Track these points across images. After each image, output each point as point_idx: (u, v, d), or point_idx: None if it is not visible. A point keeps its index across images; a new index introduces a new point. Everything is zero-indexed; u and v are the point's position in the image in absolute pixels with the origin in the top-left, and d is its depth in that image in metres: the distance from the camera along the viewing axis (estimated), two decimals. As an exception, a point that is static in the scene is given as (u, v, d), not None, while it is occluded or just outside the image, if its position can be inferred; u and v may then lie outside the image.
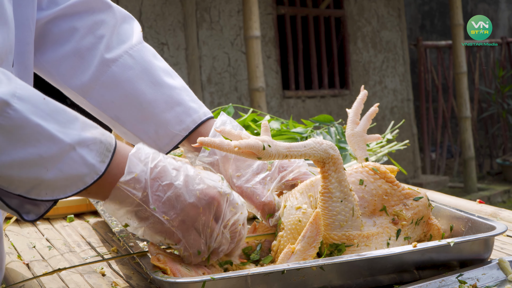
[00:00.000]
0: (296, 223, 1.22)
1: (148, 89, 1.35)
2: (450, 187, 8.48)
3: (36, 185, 0.98)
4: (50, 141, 0.96)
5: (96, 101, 1.36)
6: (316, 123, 2.37)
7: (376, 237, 1.23)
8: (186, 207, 1.08)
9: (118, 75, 1.35)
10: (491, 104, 9.54)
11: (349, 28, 8.15)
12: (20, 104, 0.94)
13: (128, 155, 1.07)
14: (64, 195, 1.00)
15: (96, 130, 1.04)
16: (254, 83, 5.60)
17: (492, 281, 1.18)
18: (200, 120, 1.35)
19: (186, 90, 1.38)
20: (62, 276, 1.32)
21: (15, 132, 0.93)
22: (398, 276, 1.18)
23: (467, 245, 1.21)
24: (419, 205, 1.28)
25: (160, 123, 1.34)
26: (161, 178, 1.08)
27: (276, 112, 7.48)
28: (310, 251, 1.16)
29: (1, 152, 0.93)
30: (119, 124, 1.36)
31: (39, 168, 0.96)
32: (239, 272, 1.09)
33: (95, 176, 1.01)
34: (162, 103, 1.34)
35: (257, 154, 1.15)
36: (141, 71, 1.35)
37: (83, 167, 1.00)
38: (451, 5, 7.51)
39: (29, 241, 1.59)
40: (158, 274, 1.09)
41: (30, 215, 1.02)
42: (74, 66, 1.36)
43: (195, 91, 6.98)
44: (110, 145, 1.04)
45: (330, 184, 1.20)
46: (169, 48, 6.77)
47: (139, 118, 1.35)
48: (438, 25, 11.32)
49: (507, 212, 1.63)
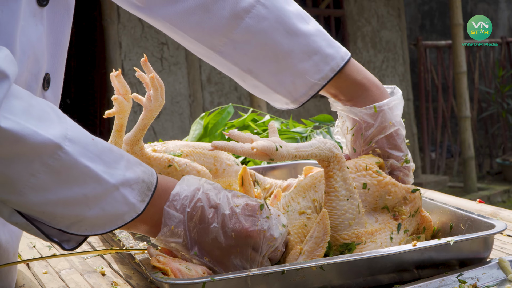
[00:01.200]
0: (302, 227, 1.22)
1: (284, 39, 1.30)
2: (450, 186, 8.48)
3: (77, 222, 1.00)
4: (96, 182, 0.99)
5: (227, 55, 1.33)
6: (316, 123, 2.37)
7: (380, 232, 1.24)
8: (223, 248, 1.11)
9: (252, 27, 1.30)
10: (491, 104, 9.54)
11: (349, 27, 8.15)
12: (71, 146, 0.96)
13: (164, 208, 1.10)
14: (103, 231, 1.04)
15: (139, 168, 1.06)
16: (254, 83, 5.59)
17: (492, 280, 1.18)
18: (338, 67, 1.32)
19: (321, 34, 1.34)
20: (62, 275, 1.32)
21: (64, 172, 0.96)
22: (398, 276, 1.18)
23: (467, 244, 1.21)
24: (415, 197, 1.30)
25: (297, 73, 1.31)
26: (199, 221, 1.11)
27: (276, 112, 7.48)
28: (318, 251, 1.16)
29: (48, 191, 0.95)
30: (251, 77, 1.33)
31: (83, 206, 0.99)
32: (239, 272, 1.09)
33: (134, 214, 1.04)
34: (299, 53, 1.30)
35: (270, 155, 1.15)
36: (275, 21, 1.30)
37: (124, 206, 1.03)
38: (451, 5, 7.50)
39: (29, 241, 1.59)
40: (158, 275, 1.09)
41: (71, 243, 1.05)
42: (201, 21, 1.31)
43: (195, 91, 6.98)
44: (151, 184, 1.07)
45: (336, 182, 1.21)
46: (169, 48, 6.77)
47: (274, 69, 1.31)
48: (438, 25, 11.32)
49: (507, 212, 1.63)
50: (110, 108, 1.59)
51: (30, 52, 1.05)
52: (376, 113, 1.33)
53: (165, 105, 6.78)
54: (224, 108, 2.39)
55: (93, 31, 7.14)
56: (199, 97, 7.03)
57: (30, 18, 1.05)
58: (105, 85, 6.94)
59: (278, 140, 1.18)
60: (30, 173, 0.93)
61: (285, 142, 1.19)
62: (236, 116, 2.74)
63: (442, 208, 1.38)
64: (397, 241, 1.25)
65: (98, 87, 7.19)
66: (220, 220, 1.11)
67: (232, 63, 1.34)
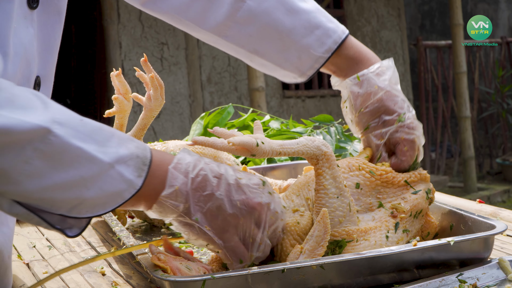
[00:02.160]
0: (295, 224, 1.22)
1: (286, 17, 1.35)
2: (450, 186, 8.48)
3: (77, 204, 1.00)
4: (91, 162, 0.98)
5: (232, 38, 1.38)
6: (316, 123, 2.37)
7: (375, 231, 1.23)
8: (227, 217, 1.10)
9: (254, 8, 1.36)
10: (491, 104, 9.54)
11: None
12: (60, 129, 0.95)
13: (168, 169, 1.08)
14: (104, 211, 1.03)
15: (132, 144, 1.05)
16: (254, 82, 5.60)
17: (492, 280, 1.18)
18: (340, 39, 1.38)
19: (320, 11, 1.40)
20: (62, 275, 1.32)
21: (57, 156, 0.95)
22: (398, 275, 1.18)
23: (467, 244, 1.21)
24: (417, 198, 1.29)
25: (302, 48, 1.36)
26: (203, 188, 1.09)
27: (276, 112, 7.49)
28: (318, 250, 1.16)
29: (43, 176, 0.95)
30: (258, 57, 1.38)
31: (81, 188, 0.98)
32: (239, 271, 1.09)
33: (133, 190, 1.03)
34: (301, 29, 1.36)
35: (251, 151, 1.15)
36: (276, 1, 1.36)
37: (122, 183, 1.02)
38: (451, 5, 7.51)
39: (29, 241, 1.59)
40: (158, 273, 1.09)
41: (74, 229, 1.04)
42: (204, 8, 1.36)
43: (195, 91, 6.98)
44: (146, 158, 1.05)
45: (325, 180, 1.21)
46: (169, 48, 6.77)
47: (279, 47, 1.37)
48: (438, 25, 11.32)
49: (507, 212, 1.63)
50: (110, 107, 1.59)
51: (22, 54, 1.05)
52: (361, 81, 1.36)
53: (165, 105, 6.78)
54: (224, 108, 2.39)
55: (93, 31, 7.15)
56: (199, 97, 7.03)
57: (21, 20, 1.04)
58: (105, 85, 6.94)
59: (261, 137, 1.18)
60: (23, 161, 0.92)
61: (271, 139, 1.19)
62: (236, 116, 2.74)
63: (443, 209, 1.38)
64: (394, 240, 1.24)
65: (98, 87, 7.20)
66: (224, 189, 1.10)
67: (238, 46, 1.39)
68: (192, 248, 1.43)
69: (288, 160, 2.14)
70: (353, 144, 2.21)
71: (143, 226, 1.66)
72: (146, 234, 1.59)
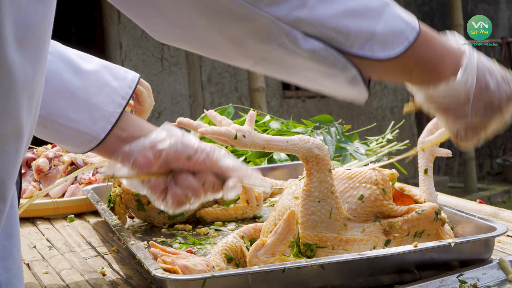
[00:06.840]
0: (286, 208, 1.22)
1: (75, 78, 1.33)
2: (450, 187, 8.48)
3: (369, 39, 1.00)
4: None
5: None
6: (316, 123, 2.37)
7: (359, 243, 1.21)
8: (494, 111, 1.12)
9: None
10: (491, 104, 9.53)
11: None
12: None
13: None
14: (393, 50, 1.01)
15: None
16: (254, 83, 5.60)
17: (493, 280, 1.18)
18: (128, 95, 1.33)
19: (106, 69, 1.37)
20: (62, 276, 1.32)
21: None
22: (399, 276, 1.18)
23: (468, 246, 1.21)
24: (420, 218, 1.25)
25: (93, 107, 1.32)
26: None
27: (276, 112, 7.49)
28: (279, 247, 1.16)
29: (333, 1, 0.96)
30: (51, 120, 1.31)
31: (369, 19, 0.99)
32: (239, 270, 1.09)
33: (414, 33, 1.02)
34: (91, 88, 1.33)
35: (230, 142, 1.15)
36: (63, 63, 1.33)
37: (402, 23, 1.02)
38: (451, 5, 7.51)
39: (29, 241, 1.59)
40: (159, 271, 1.09)
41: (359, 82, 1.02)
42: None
43: (196, 91, 6.99)
44: None
45: (311, 183, 1.20)
46: (169, 48, 6.77)
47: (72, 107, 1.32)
48: (438, 25, 11.32)
49: (507, 212, 1.63)
50: (110, 108, 1.59)
51: None
52: None
53: (165, 105, 6.79)
54: (225, 108, 2.39)
55: (93, 31, 7.15)
56: (200, 98, 7.04)
57: None
58: (105, 85, 6.94)
59: (246, 129, 1.17)
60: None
61: (260, 134, 1.18)
62: (236, 116, 2.74)
63: (443, 210, 1.38)
64: None
65: (98, 87, 7.19)
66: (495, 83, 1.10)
67: None
68: (192, 248, 1.43)
69: (289, 161, 2.14)
70: (354, 144, 2.21)
71: (143, 226, 1.66)
72: (146, 234, 1.59)
